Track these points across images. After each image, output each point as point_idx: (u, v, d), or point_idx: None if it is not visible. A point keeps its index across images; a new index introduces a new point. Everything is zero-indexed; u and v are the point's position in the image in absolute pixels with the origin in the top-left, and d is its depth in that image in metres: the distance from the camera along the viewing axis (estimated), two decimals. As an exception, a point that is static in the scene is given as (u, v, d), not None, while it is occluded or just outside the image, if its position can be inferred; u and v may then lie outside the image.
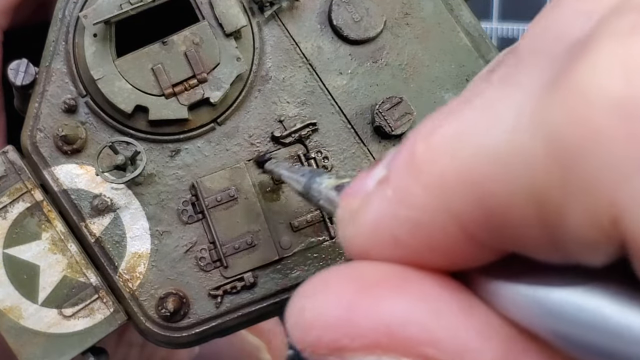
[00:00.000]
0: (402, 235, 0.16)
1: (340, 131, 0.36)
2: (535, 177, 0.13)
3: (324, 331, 0.16)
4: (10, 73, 0.35)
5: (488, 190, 0.14)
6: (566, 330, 0.14)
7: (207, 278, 0.35)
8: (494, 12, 0.72)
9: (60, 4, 0.35)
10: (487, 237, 0.15)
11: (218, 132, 0.36)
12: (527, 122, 0.14)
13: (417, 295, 0.15)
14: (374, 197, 0.16)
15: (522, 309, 0.15)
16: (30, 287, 0.34)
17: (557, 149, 0.13)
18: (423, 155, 0.15)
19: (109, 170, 0.33)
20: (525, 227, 0.14)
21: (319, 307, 0.16)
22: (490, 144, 0.14)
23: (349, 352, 0.15)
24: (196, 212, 0.35)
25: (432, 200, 0.15)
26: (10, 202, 0.34)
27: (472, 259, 0.16)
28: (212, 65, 0.34)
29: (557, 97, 0.13)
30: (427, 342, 0.15)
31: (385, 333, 0.15)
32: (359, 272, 0.16)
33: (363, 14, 0.36)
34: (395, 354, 0.15)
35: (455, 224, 0.15)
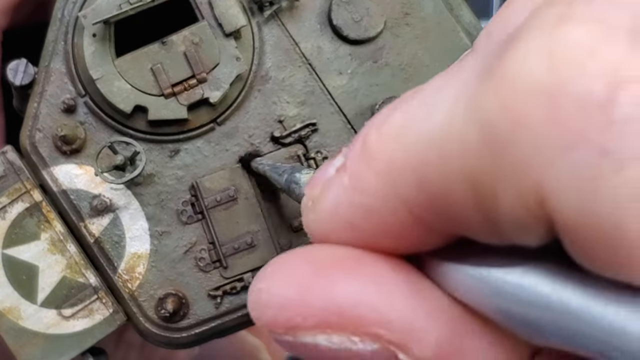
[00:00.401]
0: (357, 221, 0.17)
1: (340, 131, 0.36)
2: (469, 162, 0.14)
3: (278, 311, 0.16)
4: (9, 73, 0.35)
5: (428, 176, 0.15)
6: (507, 307, 0.15)
7: (206, 278, 0.35)
8: (494, 12, 0.72)
9: (59, 4, 0.35)
10: (433, 220, 0.16)
11: (218, 132, 0.36)
12: (461, 110, 0.14)
13: (369, 277, 0.16)
14: (332, 185, 0.17)
15: (468, 289, 0.16)
16: (29, 288, 0.34)
17: (488, 134, 0.14)
18: (374, 143, 0.16)
19: (108, 170, 0.33)
20: (464, 211, 0.15)
21: (274, 288, 0.17)
22: (428, 130, 0.15)
23: (302, 331, 0.16)
24: (196, 212, 0.35)
25: (383, 186, 0.16)
26: (9, 202, 0.34)
27: (423, 243, 0.16)
28: (211, 65, 0.34)
29: (488, 85, 0.14)
30: (376, 322, 0.16)
31: (336, 313, 0.16)
32: (315, 254, 0.17)
33: (363, 13, 0.36)
34: (345, 333, 0.16)
35: (404, 208, 0.16)
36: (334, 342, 0.16)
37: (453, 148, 0.14)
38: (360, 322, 0.16)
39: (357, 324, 0.16)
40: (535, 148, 0.13)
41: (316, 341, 0.16)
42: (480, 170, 0.14)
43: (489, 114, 0.14)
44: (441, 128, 0.15)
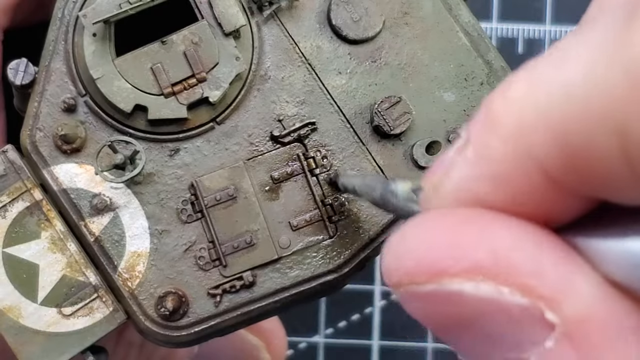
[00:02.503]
0: (487, 193, 0.15)
1: (339, 130, 0.36)
2: (616, 108, 0.13)
3: (425, 253, 0.15)
4: (9, 72, 0.35)
5: (568, 129, 0.14)
6: None
7: (206, 277, 0.35)
8: (493, 12, 0.72)
9: (59, 4, 0.35)
10: (571, 180, 0.14)
11: (217, 132, 0.36)
12: (605, 56, 0.13)
13: (522, 229, 0.15)
14: (455, 164, 0.16)
15: (613, 262, 0.14)
16: (29, 286, 0.34)
17: (636, 77, 0.13)
18: (499, 108, 0.15)
19: (108, 169, 0.34)
20: (609, 164, 0.14)
21: (421, 232, 0.16)
22: (567, 83, 0.14)
23: (449, 277, 0.15)
24: (195, 211, 0.35)
25: (512, 149, 0.15)
26: (9, 201, 0.34)
27: (559, 210, 0.15)
28: (211, 64, 0.34)
29: (634, 29, 0.13)
30: (531, 273, 0.15)
31: (490, 257, 0.15)
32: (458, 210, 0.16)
33: (362, 13, 0.36)
34: (496, 282, 0.15)
35: (538, 170, 0.15)
36: (482, 290, 0.15)
37: (597, 96, 0.13)
38: (514, 270, 0.15)
39: (511, 272, 0.15)
40: None
41: (462, 288, 0.15)
42: (629, 117, 0.13)
43: (637, 57, 0.13)
44: (582, 77, 0.14)
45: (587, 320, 0.14)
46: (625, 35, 0.13)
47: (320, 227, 0.36)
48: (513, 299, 0.15)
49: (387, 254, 0.16)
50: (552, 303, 0.14)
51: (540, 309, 0.14)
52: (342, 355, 0.69)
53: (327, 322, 0.69)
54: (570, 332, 0.14)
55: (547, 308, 0.14)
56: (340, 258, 0.36)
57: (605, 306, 0.15)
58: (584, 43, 0.14)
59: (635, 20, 0.13)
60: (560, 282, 0.15)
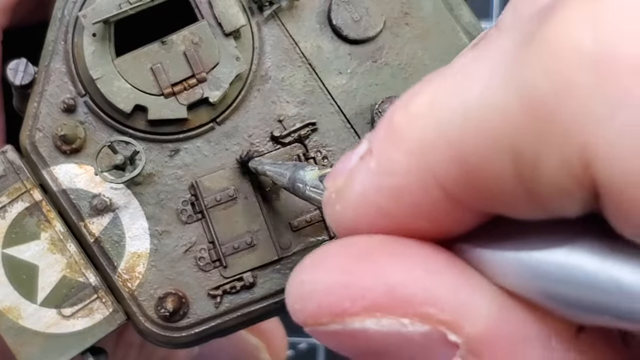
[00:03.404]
0: (388, 205, 0.16)
1: (339, 131, 0.36)
2: (509, 130, 0.14)
3: (324, 297, 0.16)
4: (9, 73, 0.35)
5: (464, 147, 0.15)
6: (552, 289, 0.14)
7: (206, 278, 0.35)
8: (493, 12, 0.72)
9: (59, 4, 0.35)
10: (468, 196, 0.15)
11: (217, 132, 0.36)
12: (501, 78, 0.14)
13: (415, 258, 0.16)
14: (358, 172, 0.17)
15: (508, 274, 0.15)
16: (29, 287, 0.34)
17: (530, 101, 0.13)
18: (401, 122, 0.16)
19: (108, 170, 0.33)
20: (503, 182, 0.14)
21: (318, 276, 0.16)
22: (464, 103, 0.15)
23: (349, 316, 0.16)
24: (195, 211, 0.35)
25: (413, 163, 0.15)
26: (9, 201, 0.34)
27: (456, 224, 0.16)
28: (211, 64, 0.34)
29: (529, 53, 0.14)
30: (426, 301, 0.15)
31: (385, 293, 0.15)
32: (354, 243, 0.17)
33: (362, 13, 0.36)
34: (395, 315, 0.15)
35: (436, 185, 0.15)
36: (384, 325, 0.15)
37: (492, 118, 0.14)
38: (410, 301, 0.15)
39: (408, 304, 0.15)
40: (582, 110, 0.13)
41: (365, 326, 0.15)
42: (521, 138, 0.14)
43: (532, 80, 0.13)
44: (479, 99, 0.14)
45: (489, 336, 0.15)
46: (522, 57, 0.14)
47: (320, 227, 0.36)
48: (415, 329, 0.15)
49: (290, 294, 0.17)
50: (452, 326, 0.15)
51: (443, 332, 0.15)
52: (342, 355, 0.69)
53: (327, 322, 0.69)
54: (474, 349, 0.15)
55: (449, 331, 0.15)
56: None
57: (506, 320, 0.15)
58: (486, 61, 0.15)
59: (533, 42, 0.14)
60: (458, 305, 0.15)
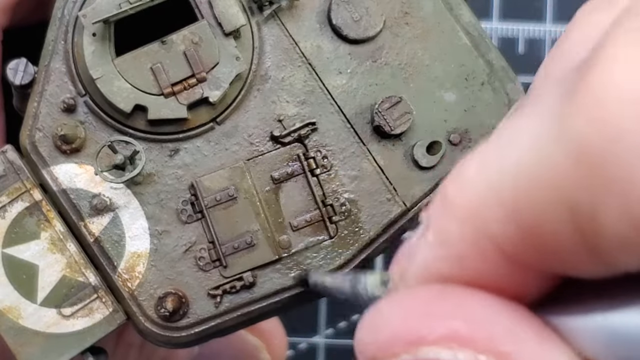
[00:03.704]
0: (449, 273, 0.16)
1: (339, 130, 0.36)
2: (563, 183, 0.13)
3: (401, 324, 0.15)
4: (9, 72, 0.35)
5: (518, 206, 0.14)
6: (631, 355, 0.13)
7: (206, 278, 0.35)
8: (494, 12, 0.72)
9: (59, 3, 0.35)
10: (528, 256, 0.15)
11: (217, 132, 0.36)
12: (547, 132, 0.14)
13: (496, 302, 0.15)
14: (417, 248, 0.17)
15: (585, 338, 0.14)
16: (29, 287, 0.34)
17: (582, 153, 0.13)
18: (453, 192, 0.16)
19: (108, 169, 0.33)
20: (561, 238, 0.14)
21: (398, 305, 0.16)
22: (513, 161, 0.14)
23: (426, 345, 0.15)
24: (195, 211, 0.35)
25: (468, 230, 0.15)
26: (9, 201, 0.34)
27: (522, 287, 0.15)
28: (211, 64, 0.34)
29: (575, 104, 0.13)
30: (507, 341, 0.15)
31: (466, 325, 0.15)
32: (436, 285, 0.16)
33: (362, 13, 0.36)
34: (473, 350, 0.15)
35: (494, 248, 0.15)
36: (460, 358, 0.15)
37: (543, 172, 0.14)
38: (491, 337, 0.15)
39: (488, 340, 0.15)
40: (634, 156, 0.12)
41: (439, 357, 0.15)
42: (576, 190, 0.13)
43: (580, 132, 0.13)
44: (528, 156, 0.14)
45: None
46: (566, 110, 0.14)
47: (320, 227, 0.36)
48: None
49: (362, 327, 0.17)
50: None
51: None
52: (342, 355, 0.69)
53: (327, 322, 0.69)
54: None
55: None
56: (341, 258, 0.36)
57: None
58: (529, 121, 0.15)
59: (577, 92, 0.13)
60: (537, 353, 0.15)
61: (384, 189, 0.36)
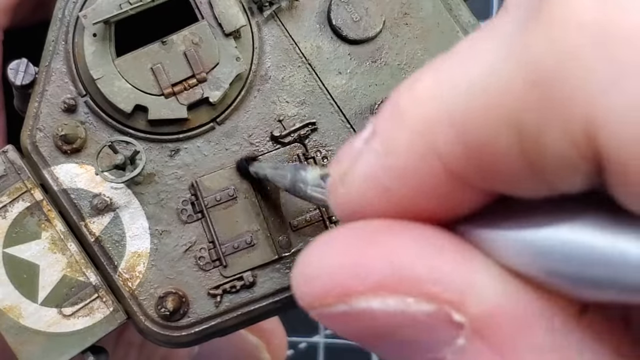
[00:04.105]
0: (392, 185, 0.16)
1: (339, 131, 0.36)
2: (514, 105, 0.14)
3: (331, 277, 0.16)
4: (10, 73, 0.35)
5: (468, 124, 0.15)
6: (557, 267, 0.14)
7: (206, 277, 0.35)
8: (493, 12, 0.72)
9: (60, 4, 0.35)
10: (472, 174, 0.15)
11: (217, 132, 0.36)
12: (505, 54, 0.14)
13: (419, 239, 0.16)
14: (362, 154, 0.17)
15: (512, 253, 0.15)
16: (30, 287, 0.34)
17: (534, 74, 0.13)
18: (406, 103, 0.16)
19: (108, 169, 0.34)
20: (506, 157, 0.14)
21: (325, 257, 0.16)
22: (468, 79, 0.15)
23: (356, 296, 0.15)
24: (195, 211, 0.35)
25: (417, 142, 0.15)
26: (10, 201, 0.34)
27: (461, 204, 0.16)
28: (211, 64, 0.34)
29: (533, 28, 0.14)
30: (432, 280, 0.15)
31: (392, 273, 0.15)
32: (359, 226, 0.17)
33: (362, 13, 0.36)
34: (400, 294, 0.15)
35: (441, 163, 0.15)
36: (389, 304, 0.15)
37: (496, 93, 0.14)
38: (415, 280, 0.15)
39: (413, 283, 0.15)
40: (587, 80, 0.13)
41: (370, 306, 0.15)
42: (525, 112, 0.14)
43: (536, 53, 0.13)
44: (483, 75, 0.14)
45: (493, 315, 0.15)
46: (526, 34, 0.14)
47: (320, 227, 0.36)
48: (420, 308, 0.15)
49: (296, 277, 0.17)
50: (457, 305, 0.15)
51: (447, 311, 0.15)
52: (342, 355, 0.69)
53: (327, 322, 0.69)
54: (479, 329, 0.15)
55: (453, 310, 0.15)
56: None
57: (509, 299, 0.15)
58: (490, 39, 0.15)
59: (538, 18, 0.14)
60: (462, 284, 0.15)
61: (384, 188, 0.36)
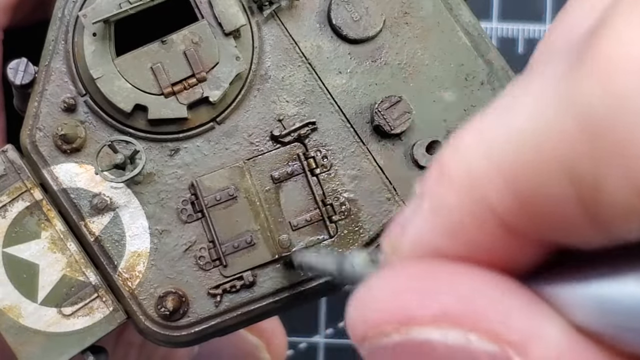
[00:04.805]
0: (445, 245, 0.16)
1: (339, 130, 0.36)
2: (565, 151, 0.13)
3: (392, 302, 0.15)
4: (9, 72, 0.35)
5: (520, 175, 0.14)
6: (625, 322, 0.13)
7: (206, 277, 0.35)
8: (493, 12, 0.72)
9: (59, 3, 0.35)
10: (527, 226, 0.14)
11: (217, 131, 0.36)
12: (552, 100, 0.13)
13: (487, 277, 0.15)
14: (411, 218, 0.16)
15: (578, 308, 0.14)
16: (29, 286, 0.34)
17: (586, 119, 0.13)
18: (452, 162, 0.15)
19: (108, 169, 0.34)
20: (562, 207, 0.14)
21: (388, 282, 0.16)
22: (516, 129, 0.14)
23: (416, 325, 0.15)
24: (195, 211, 0.35)
25: (467, 198, 0.15)
26: (9, 201, 0.34)
27: (519, 257, 0.15)
28: (211, 64, 0.34)
29: (581, 71, 0.13)
30: (497, 319, 0.15)
31: (457, 303, 0.15)
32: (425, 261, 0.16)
33: (362, 13, 0.36)
34: (463, 328, 0.15)
35: (492, 217, 0.15)
36: (450, 337, 0.15)
37: (546, 141, 0.13)
38: (482, 316, 0.15)
39: (479, 318, 0.15)
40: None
41: (430, 337, 0.15)
42: (579, 158, 0.13)
43: (586, 96, 0.13)
44: (530, 124, 0.14)
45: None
46: (574, 79, 0.13)
47: (320, 226, 0.36)
48: (481, 346, 0.15)
49: (352, 306, 0.16)
50: (520, 348, 0.15)
51: (509, 354, 0.15)
52: (342, 355, 0.69)
53: (327, 322, 0.69)
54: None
55: (515, 353, 0.15)
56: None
57: (573, 351, 0.15)
58: (532, 89, 0.14)
59: (584, 60, 0.13)
60: (527, 328, 0.15)
61: (384, 188, 0.36)
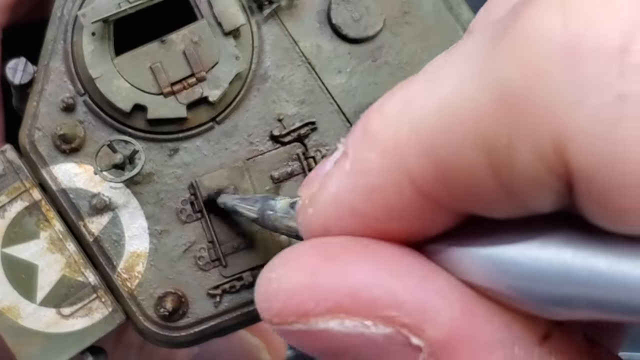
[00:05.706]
0: (361, 205, 0.16)
1: (339, 130, 0.36)
2: (482, 124, 0.14)
3: (289, 297, 0.16)
4: (8, 72, 0.35)
5: (439, 145, 0.15)
6: (526, 285, 0.14)
7: (206, 277, 0.35)
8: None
9: (58, 3, 0.35)
10: (442, 194, 0.15)
11: (217, 131, 0.36)
12: (473, 73, 0.14)
13: (380, 260, 0.16)
14: (332, 175, 0.17)
15: (479, 271, 0.15)
16: (28, 287, 0.34)
17: (502, 92, 0.14)
18: (376, 124, 0.16)
19: (107, 169, 0.33)
20: (476, 177, 0.14)
21: (285, 276, 0.16)
22: (436, 100, 0.15)
23: (314, 317, 0.16)
24: (195, 211, 0.35)
25: (387, 162, 0.16)
26: (8, 201, 0.34)
27: (429, 224, 0.16)
28: (210, 64, 0.34)
29: (501, 46, 0.14)
30: (389, 304, 0.15)
31: (349, 295, 0.16)
32: (322, 244, 0.17)
33: (362, 12, 0.36)
34: (358, 317, 0.15)
35: (410, 184, 0.15)
36: (347, 326, 0.15)
37: (465, 112, 0.14)
38: (373, 304, 0.15)
39: (371, 307, 0.15)
40: (553, 97, 0.13)
41: (328, 327, 0.16)
42: (494, 131, 0.14)
43: (503, 71, 0.14)
44: (451, 95, 0.14)
45: (451, 341, 0.15)
46: (493, 52, 0.14)
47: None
48: (377, 331, 0.15)
49: (258, 292, 0.17)
50: (415, 329, 0.15)
51: (405, 335, 0.15)
52: (342, 355, 0.69)
53: (327, 322, 0.69)
54: (436, 352, 0.15)
55: (411, 334, 0.15)
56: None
57: (468, 325, 0.15)
58: (458, 60, 0.15)
59: (505, 36, 0.14)
60: (420, 308, 0.15)
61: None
